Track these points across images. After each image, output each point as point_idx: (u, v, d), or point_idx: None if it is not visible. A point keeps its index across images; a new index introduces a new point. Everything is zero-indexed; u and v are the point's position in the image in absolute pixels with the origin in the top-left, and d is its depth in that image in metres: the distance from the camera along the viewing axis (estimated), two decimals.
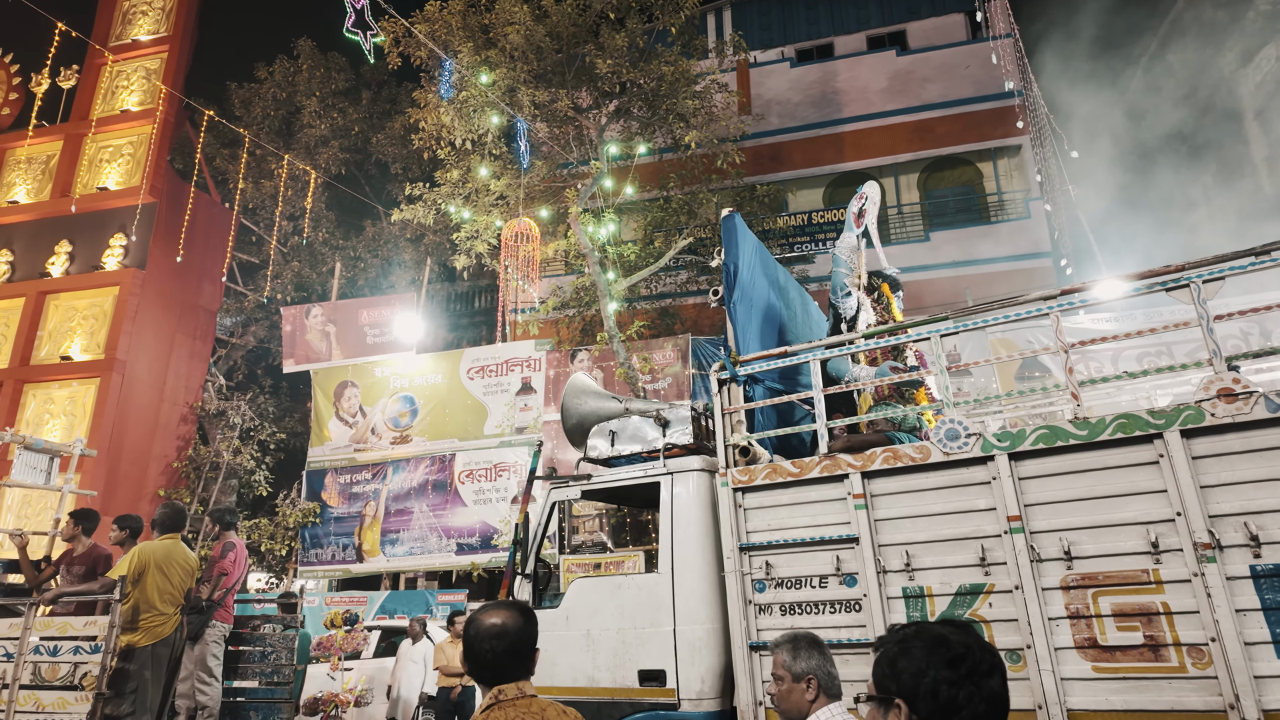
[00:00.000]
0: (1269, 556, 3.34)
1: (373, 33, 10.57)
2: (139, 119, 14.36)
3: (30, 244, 14.33)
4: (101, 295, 13.78)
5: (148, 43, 14.79)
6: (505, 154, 15.02)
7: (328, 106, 16.44)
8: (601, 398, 5.81)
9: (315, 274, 16.41)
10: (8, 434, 7.25)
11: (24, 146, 14.54)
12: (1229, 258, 3.65)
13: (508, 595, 5.07)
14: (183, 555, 5.77)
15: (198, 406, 14.78)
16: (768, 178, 17.32)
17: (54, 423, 13.32)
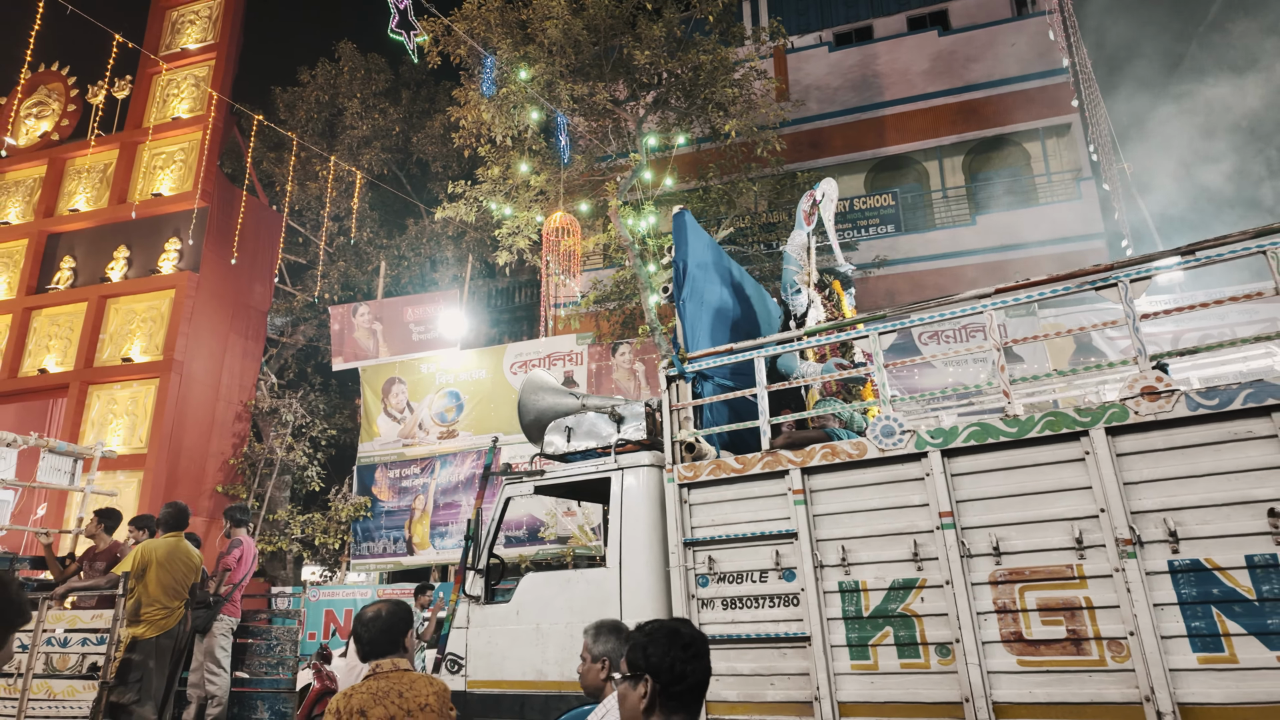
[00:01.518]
0: (1186, 552, 3.47)
1: (416, 32, 10.97)
2: (190, 125, 14.96)
3: (91, 250, 15.01)
4: (159, 298, 14.39)
5: (196, 51, 15.38)
6: (544, 149, 15.35)
7: (369, 107, 16.92)
8: (559, 394, 5.92)
9: (361, 273, 16.94)
10: (32, 438, 7.71)
11: (83, 156, 15.23)
12: (1156, 256, 3.80)
13: (459, 590, 5.13)
14: (185, 552, 6.10)
15: (251, 405, 15.38)
16: (808, 164, 17.43)
17: (117, 422, 13.98)
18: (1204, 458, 3.49)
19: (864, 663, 3.80)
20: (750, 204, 16.92)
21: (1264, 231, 3.59)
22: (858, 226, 17.35)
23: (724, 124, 14.61)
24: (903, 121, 17.54)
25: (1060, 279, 3.90)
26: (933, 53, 17.38)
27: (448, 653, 4.95)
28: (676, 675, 2.00)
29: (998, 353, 4.02)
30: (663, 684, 1.99)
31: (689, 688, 2.01)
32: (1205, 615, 3.36)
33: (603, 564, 4.83)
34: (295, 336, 16.95)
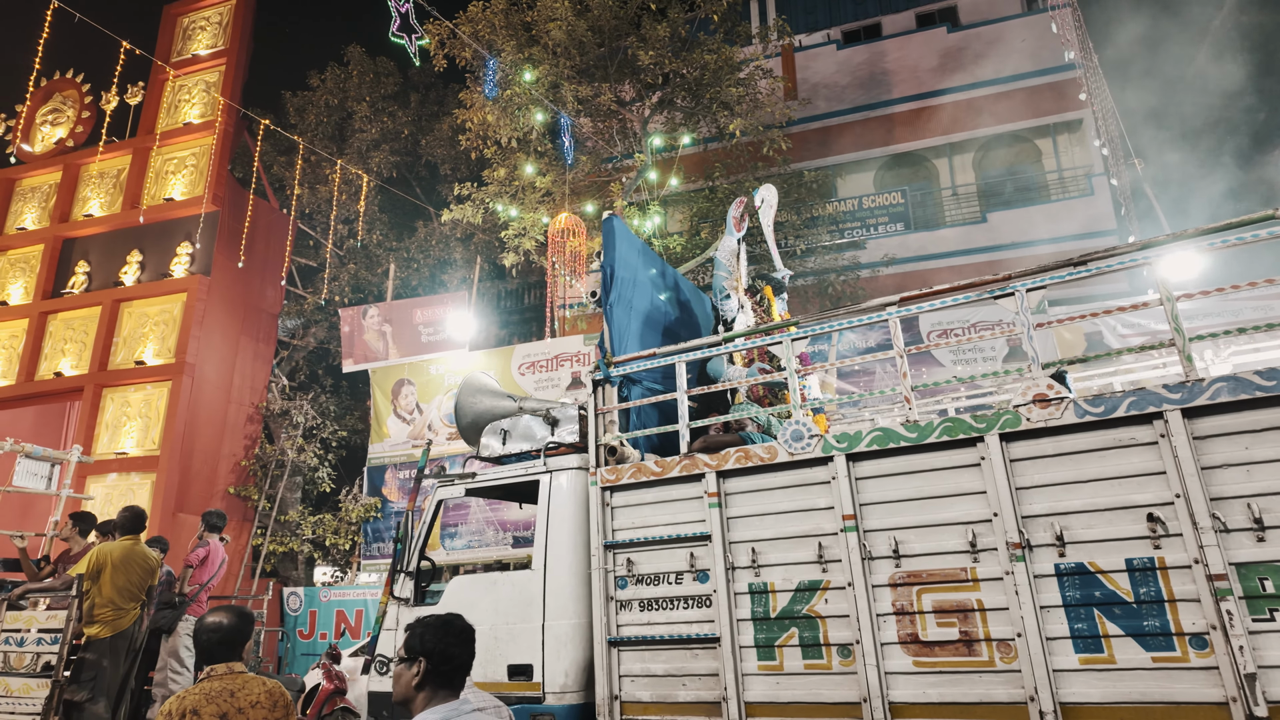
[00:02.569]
0: (1072, 556, 3.68)
1: (417, 36, 11.34)
2: (200, 131, 15.51)
3: (104, 255, 15.63)
4: (171, 302, 14.95)
5: (206, 57, 15.94)
6: (550, 151, 15.67)
7: (378, 111, 17.38)
8: (496, 396, 6.10)
9: (371, 275, 17.41)
10: (8, 443, 8.11)
11: (96, 162, 15.86)
12: (1050, 268, 3.99)
13: (389, 592, 5.31)
14: (141, 555, 6.38)
15: (263, 406, 15.91)
16: (815, 163, 17.58)
17: (131, 425, 14.56)
18: (1090, 464, 3.70)
19: (770, 663, 4.05)
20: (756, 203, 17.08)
21: (1145, 245, 3.78)
22: (866, 225, 17.47)
23: (729, 123, 14.82)
24: (912, 119, 17.60)
25: (961, 288, 4.12)
26: (942, 49, 17.42)
27: (376, 654, 5.20)
28: (446, 657, 2.45)
29: (900, 358, 4.23)
30: (434, 665, 2.43)
31: (455, 668, 2.46)
32: (1088, 617, 3.58)
33: (529, 567, 5.05)
34: (306, 339, 17.48)
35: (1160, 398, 3.62)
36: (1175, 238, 3.78)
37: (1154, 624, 3.49)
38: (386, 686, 5.07)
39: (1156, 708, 3.41)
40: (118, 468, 14.27)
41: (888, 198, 17.48)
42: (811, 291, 16.34)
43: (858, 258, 16.97)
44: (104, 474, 14.31)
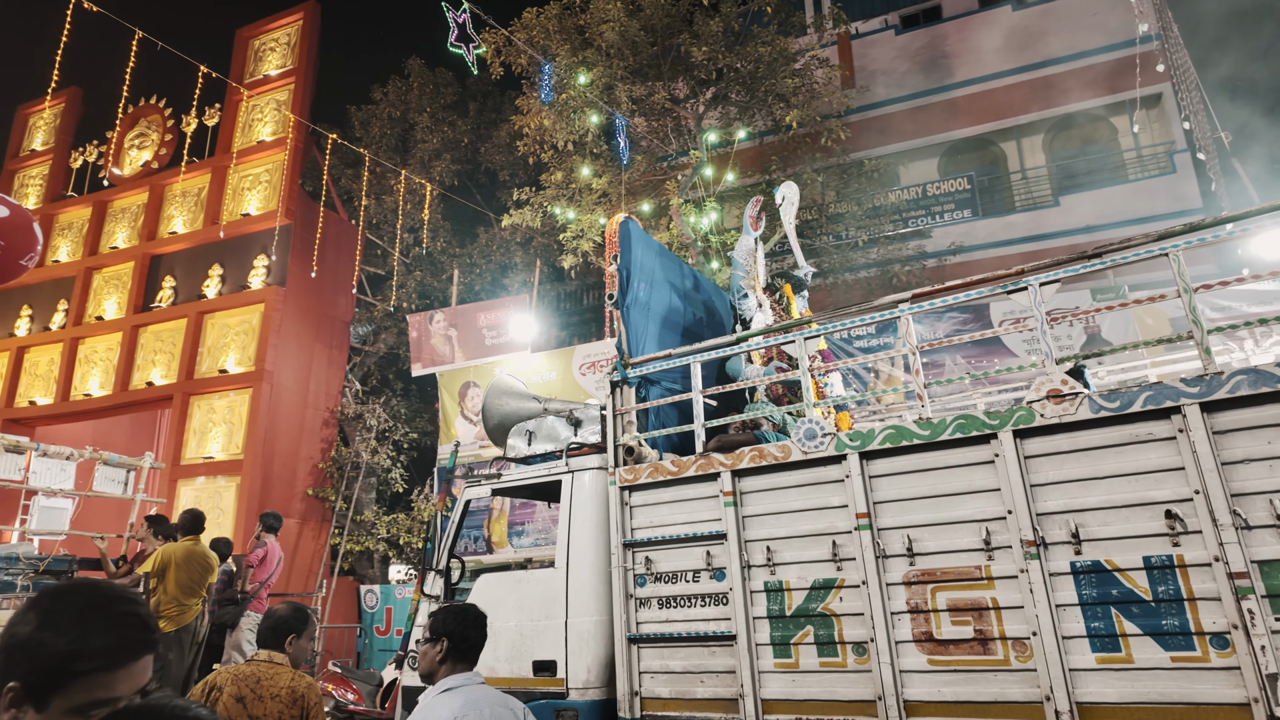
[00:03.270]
0: (1088, 553, 3.62)
1: (475, 45, 11.70)
2: (273, 148, 16.29)
3: (188, 269, 16.58)
4: (249, 312, 15.76)
5: (277, 77, 16.72)
6: (605, 152, 15.88)
7: (438, 121, 17.93)
8: (522, 398, 6.24)
9: (436, 282, 17.98)
10: (88, 451, 8.71)
11: (179, 182, 16.82)
12: (1064, 261, 3.89)
13: (420, 590, 5.51)
14: (201, 554, 6.81)
15: (338, 411, 16.62)
16: (876, 152, 17.32)
17: (216, 430, 15.41)
18: (1106, 460, 3.66)
19: (786, 661, 4.13)
20: (816, 195, 16.95)
21: (1165, 235, 3.71)
22: (931, 213, 17.13)
23: (786, 115, 14.76)
24: (976, 102, 17.17)
25: (975, 283, 4.11)
26: (1006, 28, 16.94)
27: (409, 650, 5.47)
28: (463, 637, 2.95)
29: (912, 355, 4.24)
30: (453, 644, 2.93)
31: (470, 647, 2.96)
32: (1104, 616, 3.55)
33: (552, 565, 5.23)
34: (376, 344, 18.17)
35: (1178, 391, 3.56)
36: (1193, 228, 3.70)
37: (1173, 623, 3.44)
38: (419, 681, 5.33)
39: (1175, 708, 3.37)
40: (205, 471, 15.13)
41: (953, 184, 17.10)
42: (875, 283, 16.15)
43: (923, 247, 16.68)
44: (193, 478, 15.20)
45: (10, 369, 17.26)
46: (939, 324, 15.13)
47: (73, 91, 19.31)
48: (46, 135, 19.40)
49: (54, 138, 19.18)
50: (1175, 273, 3.66)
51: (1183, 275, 3.65)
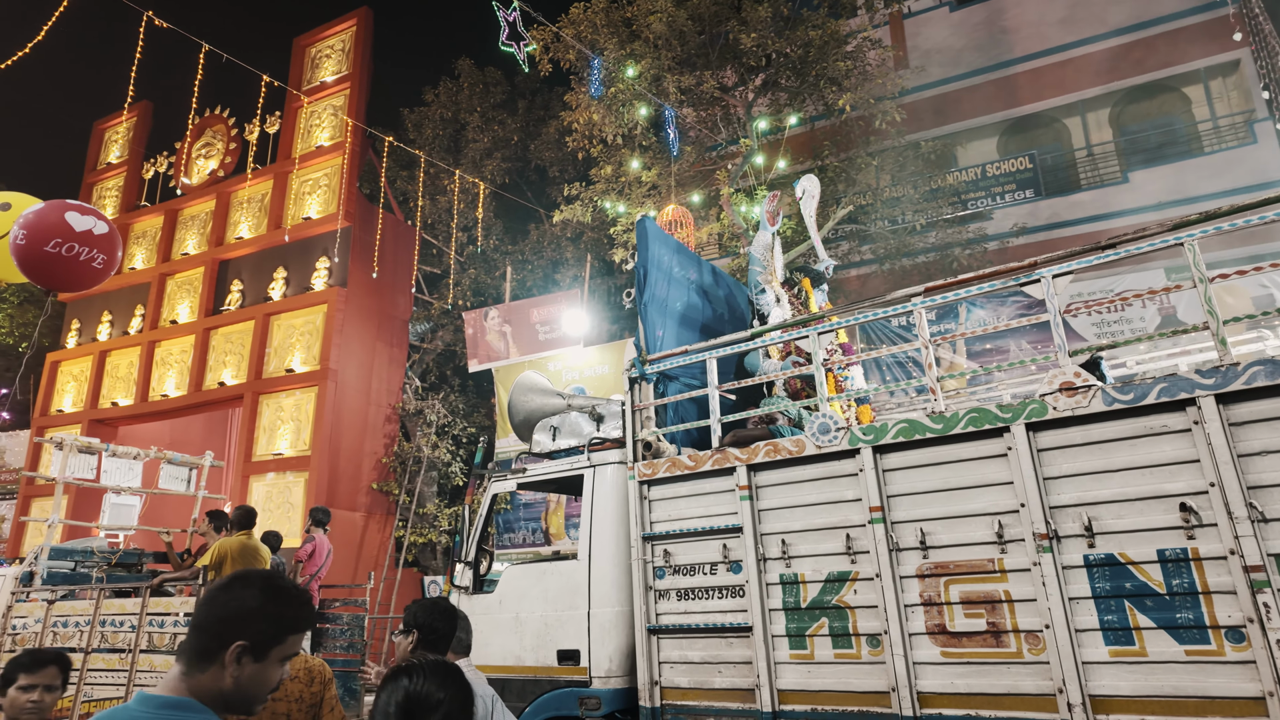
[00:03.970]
0: (1101, 546, 3.61)
1: (525, 42, 11.96)
2: (331, 153, 16.89)
3: (255, 273, 17.34)
4: (313, 313, 16.40)
5: (333, 83, 17.31)
6: (654, 144, 15.99)
7: (488, 120, 18.31)
8: (546, 394, 6.38)
9: (489, 279, 18.40)
10: (152, 451, 9.23)
11: (244, 188, 17.59)
12: (1078, 252, 3.84)
13: (450, 581, 5.76)
14: (255, 548, 7.12)
15: (399, 407, 17.19)
16: (932, 133, 17.01)
17: (284, 428, 16.11)
18: (1120, 452, 3.66)
19: (801, 652, 4.23)
20: (871, 180, 16.75)
21: (1180, 224, 3.68)
22: (991, 194, 16.76)
23: (838, 99, 14.64)
24: (1037, 77, 16.70)
25: (987, 276, 4.13)
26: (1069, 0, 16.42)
27: None
28: (431, 629, 3.11)
29: (926, 349, 4.27)
30: (423, 635, 3.09)
31: (439, 637, 3.11)
32: (1118, 609, 3.56)
33: (575, 558, 5.40)
34: (434, 342, 18.70)
35: (1193, 383, 3.54)
36: (1209, 216, 3.66)
37: (1187, 616, 3.44)
38: None
39: (1189, 701, 3.38)
40: (275, 467, 15.84)
41: (1014, 163, 16.69)
42: (934, 268, 15.91)
43: (984, 229, 16.35)
44: (263, 473, 15.93)
45: (94, 372, 18.34)
46: (1002, 309, 14.86)
47: (143, 105, 20.32)
48: (121, 149, 20.48)
49: (127, 151, 20.23)
50: (1191, 262, 3.63)
51: (1198, 265, 3.62)
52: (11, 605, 7.07)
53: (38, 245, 6.80)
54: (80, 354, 18.94)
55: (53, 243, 6.77)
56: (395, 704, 1.87)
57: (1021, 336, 14.74)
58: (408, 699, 1.87)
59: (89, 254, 6.92)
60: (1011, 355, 14.67)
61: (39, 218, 6.91)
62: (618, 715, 4.84)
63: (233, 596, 1.76)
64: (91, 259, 6.98)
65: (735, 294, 7.30)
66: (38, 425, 18.66)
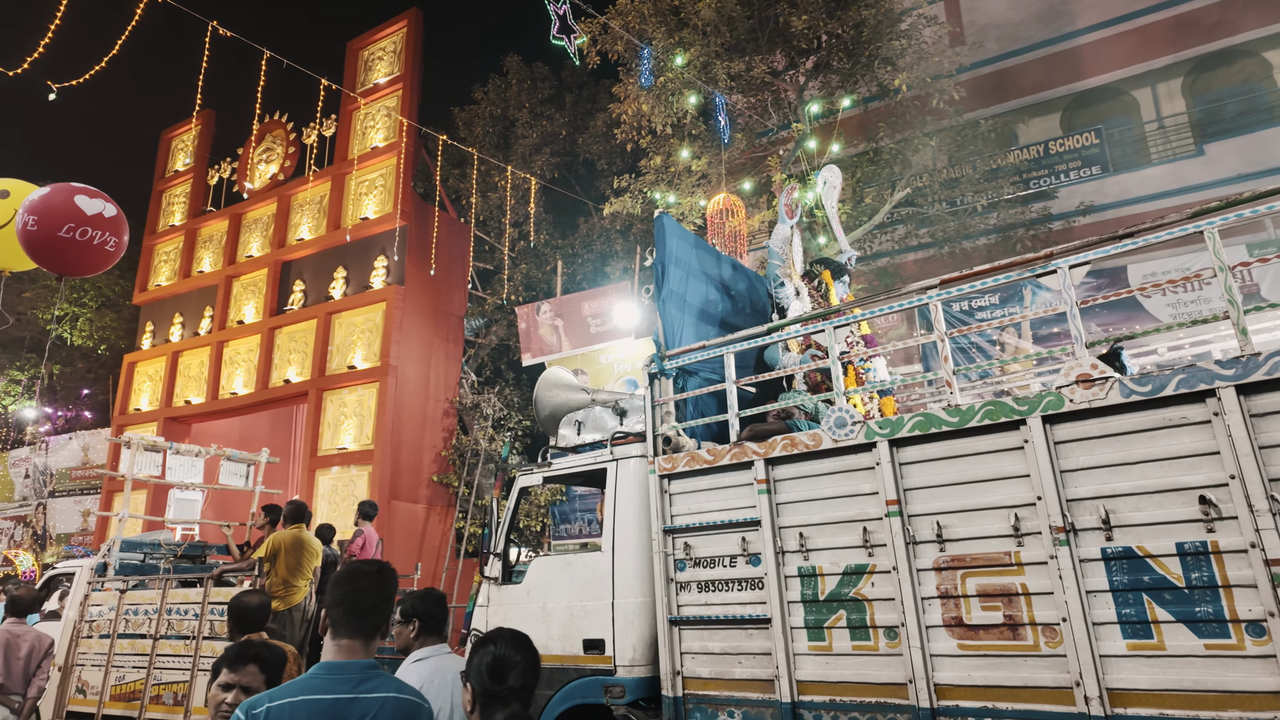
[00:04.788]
0: (1119, 539, 3.58)
1: (575, 35, 12.15)
2: (386, 153, 17.38)
3: (316, 273, 17.98)
4: (373, 311, 16.94)
5: (385, 84, 17.80)
6: (704, 133, 16.02)
7: (537, 115, 18.60)
8: (571, 389, 6.50)
9: (540, 273, 18.73)
10: (212, 449, 9.67)
11: (303, 191, 18.24)
12: (1094, 242, 3.77)
13: (480, 572, 5.94)
14: (308, 540, 7.50)
15: (456, 401, 17.65)
16: (991, 110, 16.62)
17: (347, 423, 16.71)
18: (1138, 445, 3.65)
19: (820, 644, 4.31)
20: (928, 161, 16.48)
21: (1200, 212, 3.63)
22: (1055, 172, 16.32)
23: (893, 79, 14.46)
24: (1102, 49, 16.16)
25: (1002, 267, 4.13)
26: None
27: (471, 629, 5.95)
28: (430, 615, 3.42)
29: (941, 342, 4.29)
30: (423, 622, 3.38)
31: (437, 622, 3.41)
32: (1136, 602, 3.56)
33: (599, 549, 5.56)
34: (488, 337, 19.12)
35: (1212, 374, 3.50)
36: (1230, 204, 3.60)
37: (1207, 610, 3.42)
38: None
39: (1209, 695, 3.36)
40: (339, 461, 16.45)
41: (1079, 139, 16.20)
42: (996, 250, 15.61)
43: (1048, 209, 15.96)
44: (328, 467, 16.56)
45: (168, 372, 19.29)
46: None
47: (207, 114, 21.21)
48: (186, 156, 21.43)
49: (193, 158, 21.15)
50: (1211, 251, 3.59)
51: (1218, 254, 3.57)
52: (89, 594, 7.60)
53: (51, 231, 6.89)
54: (154, 355, 19.96)
55: (65, 228, 6.87)
56: (485, 665, 2.38)
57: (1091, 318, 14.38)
58: (495, 660, 2.38)
59: (101, 237, 7.04)
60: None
61: (48, 203, 6.99)
62: (641, 703, 4.99)
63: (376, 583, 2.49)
64: (104, 242, 7.11)
65: (756, 288, 7.36)
66: (117, 424, 19.75)
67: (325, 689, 2.19)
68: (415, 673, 3.06)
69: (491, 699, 2.33)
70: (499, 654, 2.40)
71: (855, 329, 6.19)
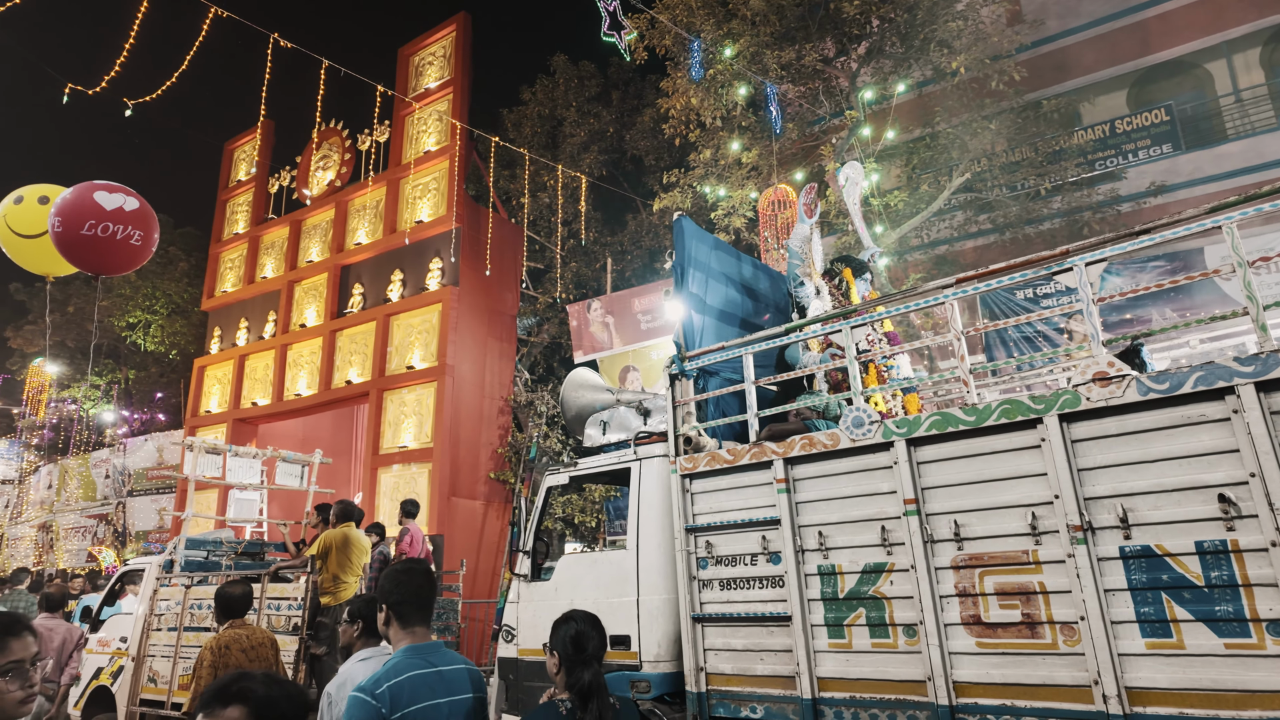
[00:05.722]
0: (1138, 538, 3.57)
1: (626, 31, 12.33)
2: (438, 157, 17.83)
3: (374, 276, 18.57)
4: (429, 312, 17.42)
5: (436, 89, 18.26)
6: (754, 124, 16.02)
7: (584, 114, 18.84)
8: (596, 390, 6.62)
9: (590, 271, 18.98)
10: (269, 450, 10.09)
11: (360, 197, 18.83)
12: (1110, 239, 3.73)
13: (510, 570, 6.19)
14: (356, 538, 7.80)
15: (510, 399, 18.03)
16: (1053, 90, 16.21)
17: (407, 422, 17.23)
18: (1156, 443, 3.65)
19: (840, 641, 4.40)
20: (987, 144, 16.18)
21: (1218, 207, 3.60)
22: (1123, 152, 15.85)
23: (949, 62, 14.28)
24: (1172, 20, 15.61)
25: (1019, 265, 4.15)
26: None
27: (503, 624, 6.16)
28: (373, 618, 3.38)
29: (958, 340, 4.32)
30: (365, 624, 3.53)
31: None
32: (1155, 601, 3.57)
33: (624, 547, 5.71)
34: (541, 335, 19.47)
35: (1231, 371, 3.48)
36: (1250, 198, 3.56)
37: (1227, 609, 3.41)
38: (513, 652, 6.07)
39: (1229, 695, 3.36)
40: (400, 459, 16.98)
41: (1148, 116, 15.70)
42: (1060, 234, 15.26)
43: (1116, 190, 15.51)
44: (390, 465, 17.11)
45: (235, 375, 20.16)
46: (1141, 275, 14.13)
47: (266, 124, 22.03)
48: (248, 166, 22.31)
49: (254, 167, 22.01)
50: (1230, 246, 3.56)
51: (1237, 249, 3.55)
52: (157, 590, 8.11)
53: (74, 229, 7.09)
54: (222, 359, 20.87)
55: (87, 224, 7.06)
56: (569, 637, 3.06)
57: (1165, 303, 13.99)
58: (577, 634, 3.07)
59: (125, 231, 7.20)
60: (1154, 323, 14.00)
61: (68, 202, 7.20)
62: (666, 698, 5.14)
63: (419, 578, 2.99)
64: (128, 236, 7.26)
65: (779, 286, 7.42)
66: (189, 425, 20.74)
67: (423, 665, 2.73)
68: (360, 671, 3.27)
69: (574, 664, 3.00)
70: (580, 629, 3.09)
71: (879, 327, 6.22)
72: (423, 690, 2.65)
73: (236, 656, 4.51)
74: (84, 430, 27.05)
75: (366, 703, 2.54)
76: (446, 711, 2.67)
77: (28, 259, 8.18)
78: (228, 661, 4.47)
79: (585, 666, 2.99)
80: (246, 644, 4.66)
